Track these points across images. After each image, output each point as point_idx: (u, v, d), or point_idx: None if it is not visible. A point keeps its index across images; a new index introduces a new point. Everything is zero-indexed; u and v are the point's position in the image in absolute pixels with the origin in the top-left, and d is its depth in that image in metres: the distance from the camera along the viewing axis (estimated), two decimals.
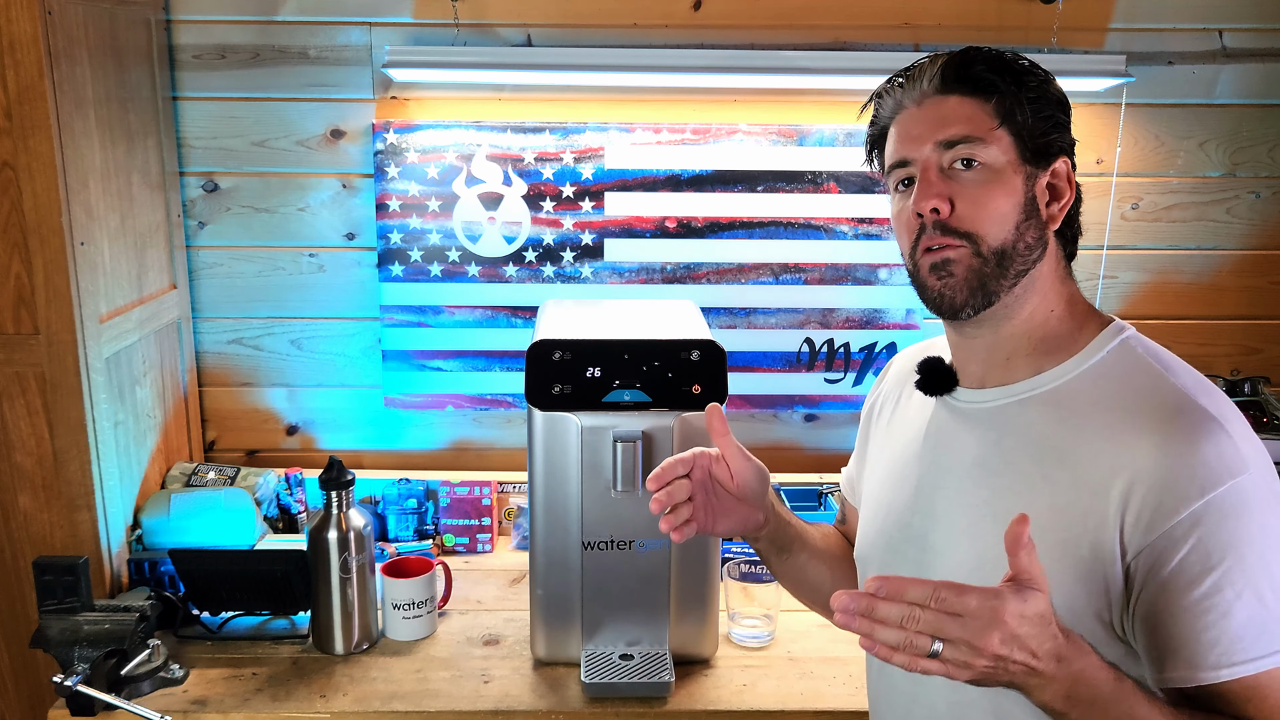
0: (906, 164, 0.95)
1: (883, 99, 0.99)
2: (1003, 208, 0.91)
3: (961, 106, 0.92)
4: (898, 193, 0.98)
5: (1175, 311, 2.00)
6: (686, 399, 1.39)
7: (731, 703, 1.39)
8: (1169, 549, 0.83)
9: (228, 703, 1.37)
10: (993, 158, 0.91)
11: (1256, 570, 0.82)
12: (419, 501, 1.89)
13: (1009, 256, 0.91)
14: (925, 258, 0.93)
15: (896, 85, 0.97)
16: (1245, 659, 0.82)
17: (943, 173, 0.92)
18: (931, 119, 0.93)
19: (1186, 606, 0.83)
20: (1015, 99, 0.91)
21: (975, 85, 0.92)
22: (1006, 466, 0.94)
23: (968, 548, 0.95)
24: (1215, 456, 0.83)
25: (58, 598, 1.39)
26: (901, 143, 0.95)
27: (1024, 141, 0.92)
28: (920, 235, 0.93)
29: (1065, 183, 0.94)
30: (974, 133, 0.91)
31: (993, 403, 0.97)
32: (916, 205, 0.92)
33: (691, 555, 1.44)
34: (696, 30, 1.84)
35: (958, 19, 1.85)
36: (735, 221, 1.92)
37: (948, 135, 0.91)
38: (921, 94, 0.94)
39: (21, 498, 1.58)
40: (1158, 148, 1.92)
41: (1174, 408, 0.86)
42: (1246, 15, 1.86)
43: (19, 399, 1.54)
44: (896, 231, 0.98)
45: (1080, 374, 0.93)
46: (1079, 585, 0.87)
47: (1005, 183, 0.91)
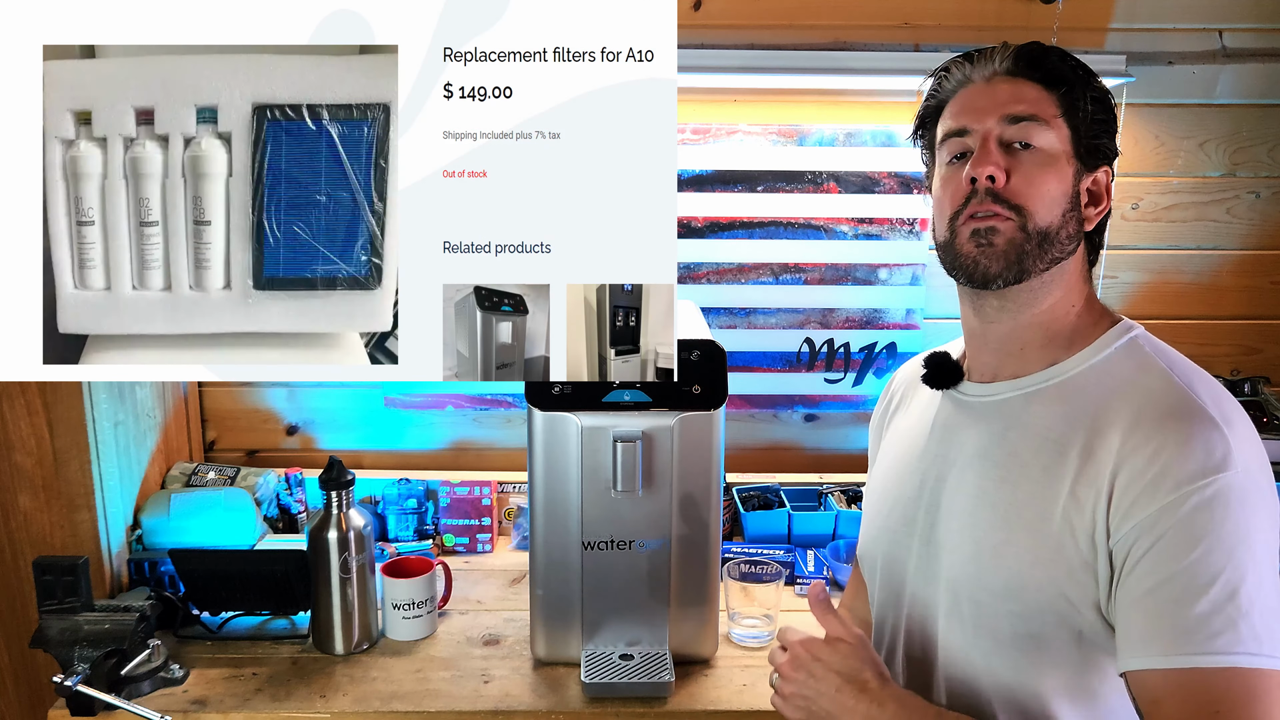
0: (964, 134, 0.95)
1: (948, 73, 0.99)
2: (1054, 191, 0.92)
3: (1029, 89, 0.94)
4: (948, 165, 0.97)
5: (1175, 311, 2.00)
6: (687, 399, 1.39)
7: (731, 703, 1.39)
8: (1142, 536, 0.83)
9: (228, 703, 1.37)
10: (1050, 143, 0.93)
11: (1225, 567, 0.80)
12: (419, 501, 1.89)
13: (1050, 239, 0.92)
14: (967, 225, 0.93)
15: (965, 62, 0.98)
16: (1193, 651, 0.80)
17: (1002, 146, 0.93)
18: (999, 95, 0.94)
19: (1147, 592, 0.82)
20: (1080, 95, 0.94)
21: (1045, 73, 0.94)
22: (1008, 458, 0.94)
23: (966, 538, 0.96)
24: (1204, 453, 0.83)
25: (58, 598, 1.39)
26: (963, 113, 0.96)
27: (1079, 137, 0.94)
28: (966, 203, 0.93)
29: (1104, 191, 0.96)
30: (1039, 114, 0.92)
31: (999, 396, 0.98)
32: (974, 169, 0.92)
33: (691, 555, 1.44)
34: (696, 30, 1.84)
35: (958, 19, 1.85)
36: (735, 221, 1.92)
37: (1014, 110, 0.93)
38: (992, 72, 0.96)
39: (21, 498, 1.58)
40: (1158, 148, 1.92)
41: (1173, 405, 0.87)
42: (1246, 15, 1.86)
43: (19, 399, 1.54)
44: (938, 200, 0.98)
45: (1086, 369, 0.94)
46: (1077, 576, 0.88)
47: (1059, 169, 0.93)
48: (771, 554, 1.74)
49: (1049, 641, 0.90)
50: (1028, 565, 0.90)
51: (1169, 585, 0.81)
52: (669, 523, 1.42)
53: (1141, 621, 0.83)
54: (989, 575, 0.93)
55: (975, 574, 0.94)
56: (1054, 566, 0.89)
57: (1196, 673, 0.80)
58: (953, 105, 0.97)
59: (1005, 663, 0.93)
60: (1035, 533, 0.90)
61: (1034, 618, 0.90)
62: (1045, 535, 0.90)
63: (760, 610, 1.55)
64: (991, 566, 0.93)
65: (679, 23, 1.08)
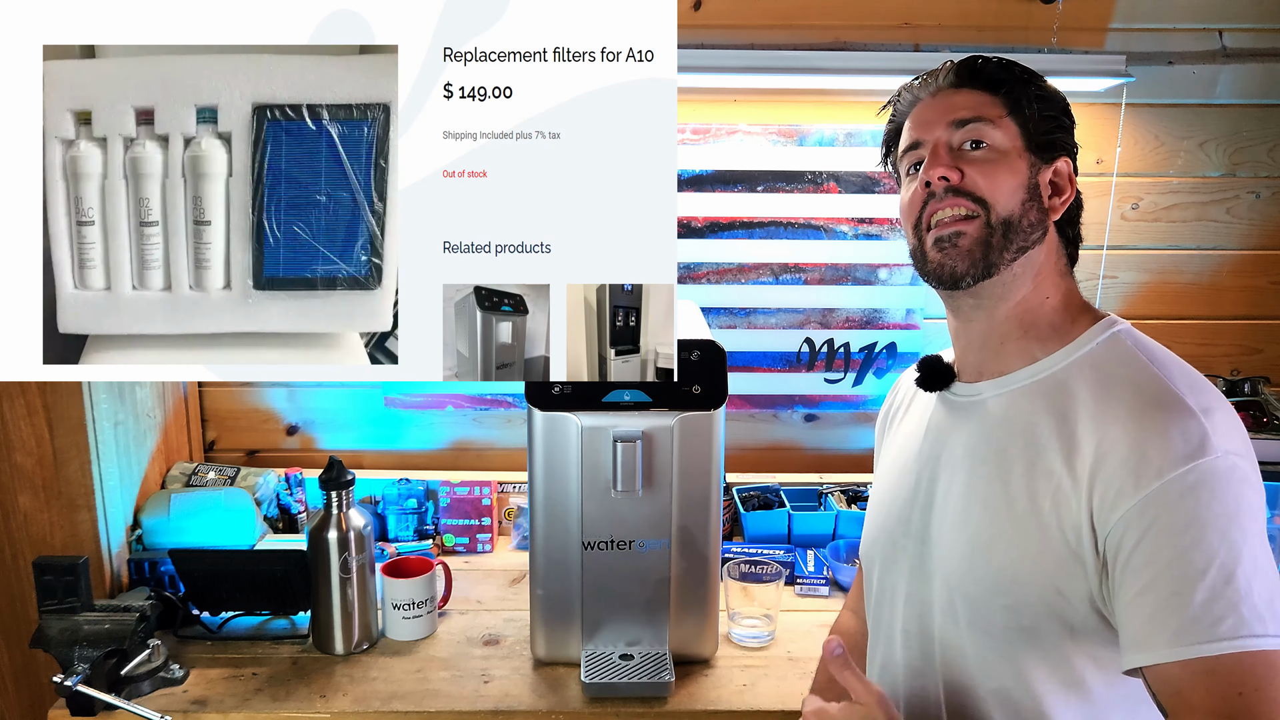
0: (918, 146, 1.00)
1: (900, 97, 1.04)
2: (1009, 182, 0.95)
3: (972, 96, 0.98)
4: (907, 177, 1.02)
5: (1175, 311, 2.00)
6: (687, 399, 1.39)
7: (731, 703, 1.39)
8: (1130, 528, 0.84)
9: (228, 703, 1.37)
10: (999, 140, 0.96)
11: (1218, 551, 0.80)
12: (419, 501, 1.89)
13: (1014, 228, 0.95)
14: (931, 232, 0.97)
15: (914, 84, 1.03)
16: (1202, 640, 0.80)
17: (953, 151, 0.97)
18: (944, 105, 0.99)
19: (1145, 585, 0.83)
20: (1023, 94, 0.97)
21: (986, 80, 0.98)
22: (995, 455, 0.96)
23: (958, 537, 0.97)
24: (1182, 440, 0.83)
25: (58, 598, 1.39)
26: (915, 128, 1.01)
27: (1029, 133, 0.97)
28: (925, 205, 0.97)
29: (1066, 181, 0.99)
30: (984, 114, 0.96)
31: (987, 395, 0.99)
32: (926, 173, 0.96)
33: (692, 555, 1.44)
34: (696, 30, 1.84)
35: (958, 19, 1.85)
36: (735, 221, 1.92)
37: (959, 115, 0.97)
38: (936, 88, 1.01)
39: (21, 498, 1.58)
40: (1157, 148, 1.92)
41: (1152, 397, 0.87)
42: (1246, 15, 1.86)
43: (19, 399, 1.54)
44: (903, 210, 1.02)
45: (1069, 364, 0.95)
46: (1067, 568, 0.88)
47: (1011, 164, 0.96)
48: (771, 554, 1.74)
49: (1042, 635, 0.91)
50: (1018, 560, 0.91)
51: (1165, 575, 0.82)
52: (669, 523, 1.42)
53: (1144, 615, 0.83)
54: (981, 571, 0.94)
55: (968, 570, 0.95)
56: (1044, 560, 0.90)
57: (1210, 660, 0.80)
58: (908, 124, 1.02)
59: (999, 658, 0.93)
60: (1024, 527, 0.91)
61: (1026, 611, 0.91)
62: (1034, 529, 0.91)
63: (760, 610, 1.55)
64: (983, 562, 0.94)
65: (679, 23, 1.08)
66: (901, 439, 1.11)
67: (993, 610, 0.93)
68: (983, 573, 0.94)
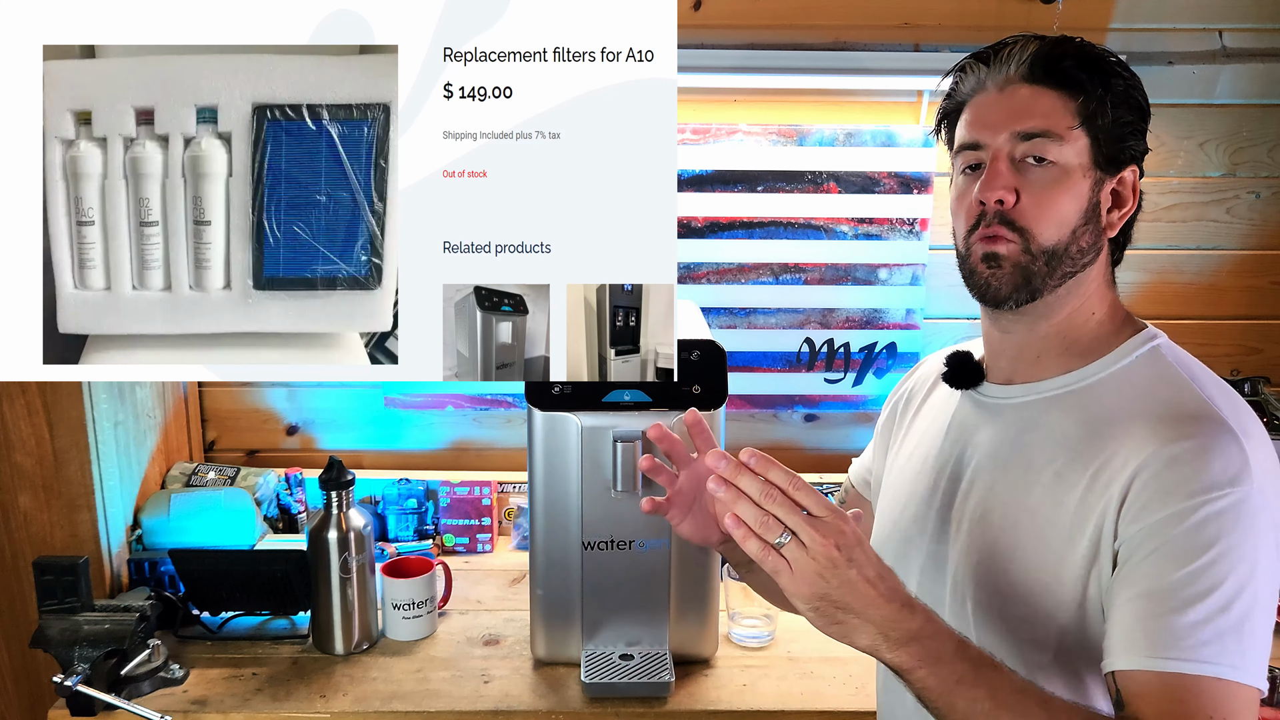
0: (978, 147, 0.94)
1: (965, 74, 0.97)
2: (1065, 210, 0.90)
3: (1044, 99, 0.90)
4: (962, 175, 0.96)
5: (1175, 311, 1.99)
6: (687, 399, 1.39)
7: (731, 703, 1.39)
8: (1148, 539, 0.83)
9: (228, 703, 1.37)
10: (1065, 158, 0.90)
11: (1225, 579, 0.80)
12: (419, 501, 1.89)
13: (1059, 257, 0.91)
14: (979, 245, 0.92)
15: (981, 63, 0.95)
16: (1185, 657, 0.80)
17: (1013, 164, 0.91)
18: (1011, 107, 0.91)
19: (1143, 593, 0.82)
20: (1100, 101, 0.90)
21: (1062, 81, 0.90)
22: (1019, 460, 0.94)
23: (974, 540, 0.96)
24: (1221, 464, 0.82)
25: (58, 598, 1.39)
26: (975, 126, 0.94)
27: (1099, 146, 0.91)
28: (979, 222, 0.92)
29: (1130, 191, 0.94)
30: (1052, 129, 0.90)
31: (1017, 399, 0.97)
32: (981, 193, 0.91)
33: (691, 555, 1.44)
34: (696, 30, 1.84)
35: (958, 19, 1.85)
36: (735, 221, 1.92)
37: (1025, 127, 0.90)
38: (1005, 78, 0.92)
39: (21, 498, 1.58)
40: (1158, 148, 1.92)
41: (1192, 414, 0.86)
42: (1246, 15, 1.86)
43: (19, 399, 1.54)
44: (954, 212, 0.97)
45: (1105, 377, 0.93)
46: (1084, 579, 0.88)
47: (1073, 185, 0.90)
48: None
49: (1050, 647, 0.90)
50: (1033, 570, 0.90)
51: (1166, 589, 0.81)
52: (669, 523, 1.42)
53: (1131, 621, 0.82)
54: (995, 577, 0.93)
55: (982, 576, 0.94)
56: (1060, 572, 0.89)
57: (1177, 676, 0.79)
58: (968, 112, 0.95)
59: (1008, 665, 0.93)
60: (1043, 538, 0.90)
61: (1038, 623, 0.90)
62: (1052, 541, 0.89)
63: (760, 610, 1.55)
64: (998, 569, 0.93)
65: (679, 23, 1.08)
66: (921, 432, 1.10)
67: (1004, 618, 0.92)
68: (997, 580, 0.93)
